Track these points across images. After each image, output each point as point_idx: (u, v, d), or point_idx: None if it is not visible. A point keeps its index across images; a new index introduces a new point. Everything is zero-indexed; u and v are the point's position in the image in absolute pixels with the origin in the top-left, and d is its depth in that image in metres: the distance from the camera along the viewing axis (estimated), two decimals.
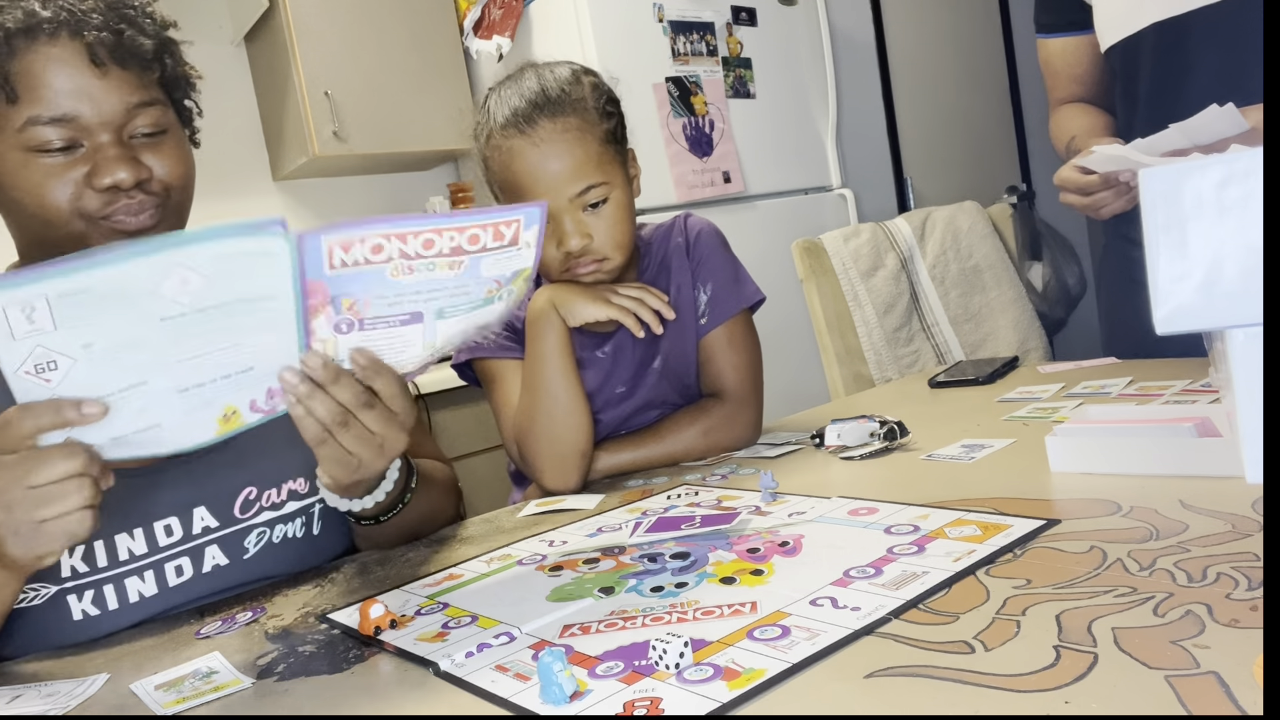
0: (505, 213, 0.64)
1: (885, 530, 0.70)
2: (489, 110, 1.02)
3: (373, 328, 0.65)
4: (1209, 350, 0.88)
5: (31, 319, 0.54)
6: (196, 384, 0.61)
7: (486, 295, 0.68)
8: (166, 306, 0.57)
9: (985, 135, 3.49)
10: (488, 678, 0.55)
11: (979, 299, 2.04)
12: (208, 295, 0.58)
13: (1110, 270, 1.38)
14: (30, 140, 0.74)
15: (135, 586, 0.79)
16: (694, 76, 2.47)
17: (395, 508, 0.85)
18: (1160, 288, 0.62)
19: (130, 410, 0.60)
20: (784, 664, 0.50)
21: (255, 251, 0.58)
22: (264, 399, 0.65)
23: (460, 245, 0.63)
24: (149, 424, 0.61)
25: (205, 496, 0.84)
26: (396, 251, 0.62)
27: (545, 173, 0.98)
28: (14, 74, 0.73)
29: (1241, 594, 0.50)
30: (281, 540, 0.87)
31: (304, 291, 0.61)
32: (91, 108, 0.75)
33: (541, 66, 1.05)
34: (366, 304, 0.64)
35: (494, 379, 1.11)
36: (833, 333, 1.89)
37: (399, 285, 0.63)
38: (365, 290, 0.63)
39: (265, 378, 0.64)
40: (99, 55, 0.75)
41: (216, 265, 0.57)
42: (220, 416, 0.63)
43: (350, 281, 0.62)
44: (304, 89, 2.45)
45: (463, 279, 0.65)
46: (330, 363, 0.64)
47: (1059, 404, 1.05)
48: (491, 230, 0.64)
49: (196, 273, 0.57)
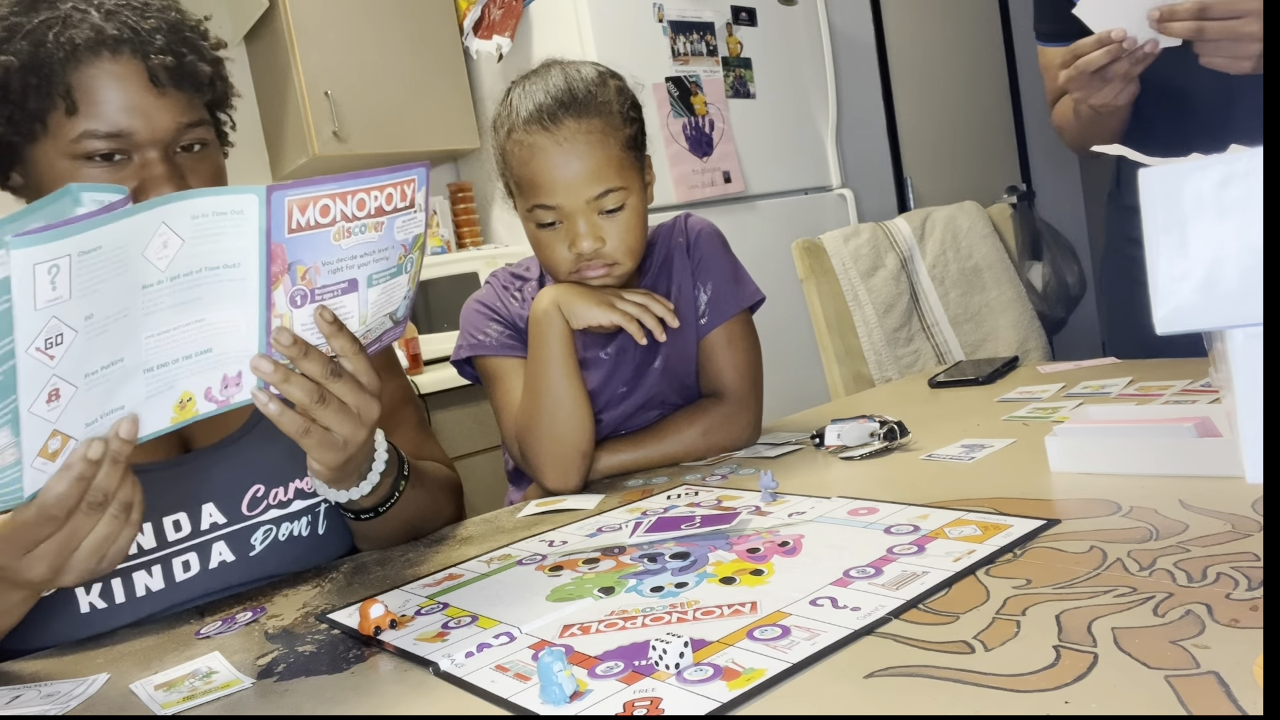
0: (401, 172, 0.64)
1: (885, 530, 0.70)
2: (511, 104, 1.02)
3: (320, 298, 0.64)
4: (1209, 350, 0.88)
5: (55, 284, 0.50)
6: (160, 363, 0.59)
7: (399, 261, 0.67)
8: (149, 272, 0.55)
9: (985, 135, 3.49)
10: (488, 678, 0.55)
11: (979, 299, 2.04)
12: (180, 261, 0.56)
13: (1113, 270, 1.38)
14: (81, 150, 0.76)
15: (143, 581, 0.80)
16: (694, 76, 2.47)
17: (390, 499, 0.85)
18: (1160, 288, 0.62)
19: (105, 390, 0.57)
20: (784, 664, 0.50)
21: (227, 210, 0.57)
22: (219, 388, 0.63)
23: (381, 205, 0.63)
24: (115, 406, 0.58)
25: (214, 493, 0.84)
26: (339, 213, 0.61)
27: (566, 172, 0.98)
28: (75, 86, 0.75)
29: (1241, 594, 0.50)
30: (288, 538, 0.87)
31: (267, 256, 0.59)
32: (145, 125, 0.77)
33: (568, 64, 1.05)
34: (316, 271, 0.62)
35: (495, 377, 1.11)
36: (833, 333, 1.89)
37: (339, 250, 0.63)
38: (314, 256, 0.62)
39: (222, 361, 0.63)
40: (159, 76, 0.77)
41: (192, 225, 0.56)
42: (177, 403, 0.61)
43: (303, 246, 0.61)
44: (304, 89, 2.45)
45: (382, 241, 0.65)
46: (298, 338, 0.64)
47: (1059, 404, 1.05)
48: (398, 190, 0.64)
49: (175, 234, 0.55)
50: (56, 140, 0.76)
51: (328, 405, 0.68)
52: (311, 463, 0.74)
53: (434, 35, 2.67)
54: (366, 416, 0.71)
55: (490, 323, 1.12)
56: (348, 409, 0.69)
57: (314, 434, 0.69)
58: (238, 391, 0.64)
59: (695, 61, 2.48)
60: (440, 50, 2.68)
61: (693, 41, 2.48)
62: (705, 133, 2.48)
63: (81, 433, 0.56)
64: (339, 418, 0.69)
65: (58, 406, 0.53)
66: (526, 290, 1.14)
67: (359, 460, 0.77)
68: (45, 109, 0.75)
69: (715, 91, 2.51)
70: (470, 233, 2.88)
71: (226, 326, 0.61)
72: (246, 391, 0.65)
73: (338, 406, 0.69)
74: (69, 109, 0.75)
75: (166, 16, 0.80)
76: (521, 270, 1.17)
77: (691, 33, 2.48)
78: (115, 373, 0.57)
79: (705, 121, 2.48)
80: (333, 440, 0.70)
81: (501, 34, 2.55)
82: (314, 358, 0.65)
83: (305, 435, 0.69)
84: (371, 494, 0.82)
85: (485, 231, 2.96)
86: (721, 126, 2.52)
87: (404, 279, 0.69)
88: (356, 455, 0.75)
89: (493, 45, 2.57)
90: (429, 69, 2.65)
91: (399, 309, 0.72)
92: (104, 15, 0.76)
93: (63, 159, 0.77)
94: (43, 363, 0.51)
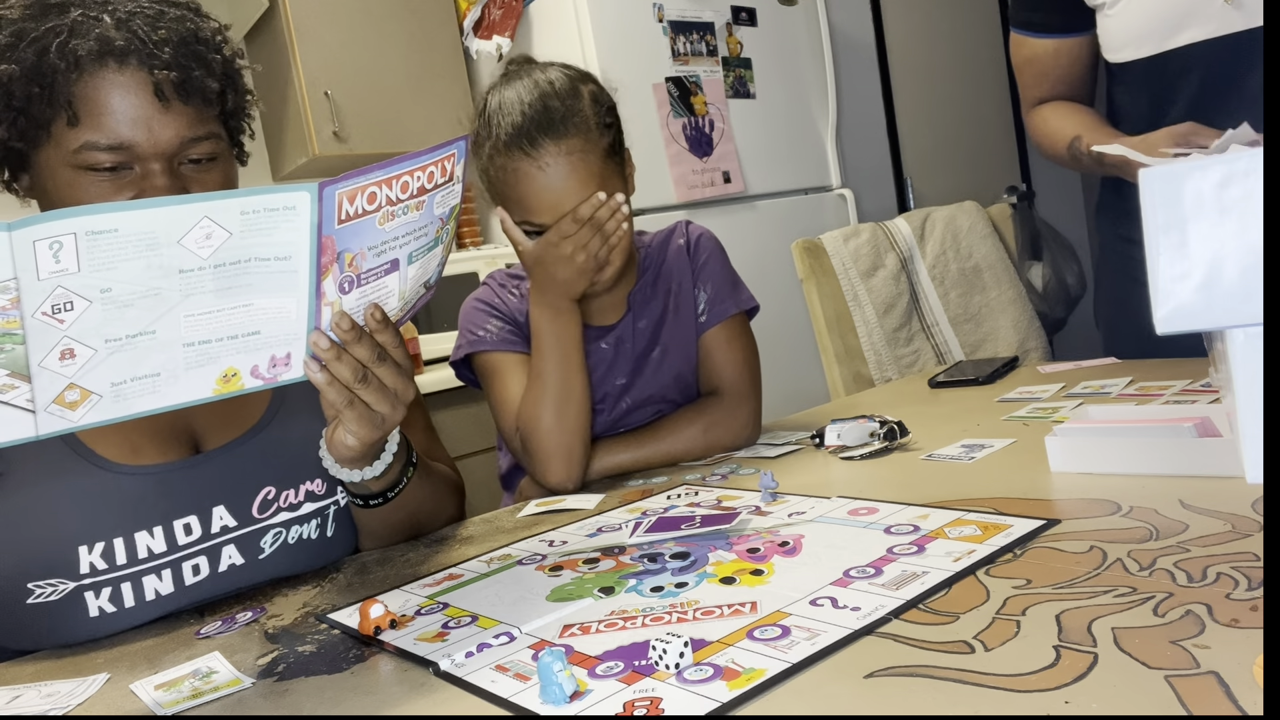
0: (445, 149, 0.66)
1: (885, 530, 0.70)
2: (489, 124, 1.01)
3: (366, 282, 0.67)
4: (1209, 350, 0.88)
5: (58, 258, 0.53)
6: (202, 340, 0.61)
7: (435, 235, 0.70)
8: (187, 259, 0.57)
9: (985, 135, 3.49)
10: (488, 678, 0.55)
11: (979, 299, 2.04)
12: (227, 252, 0.58)
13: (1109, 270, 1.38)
14: (83, 161, 0.76)
15: (152, 585, 0.80)
16: (694, 76, 2.47)
17: (398, 485, 0.86)
18: (1160, 288, 0.62)
19: (132, 356, 0.59)
20: (784, 664, 0.50)
21: (279, 206, 0.59)
22: (266, 366, 0.65)
23: (423, 184, 0.66)
24: (149, 372, 0.60)
25: (225, 496, 0.84)
26: (385, 198, 0.63)
27: (549, 195, 0.99)
28: (77, 97, 0.74)
29: (1241, 594, 0.50)
30: (297, 541, 0.87)
31: (318, 248, 0.62)
32: (148, 138, 0.76)
33: (537, 72, 1.04)
34: (363, 256, 0.65)
35: (495, 373, 1.11)
36: (833, 333, 1.89)
37: (383, 233, 0.65)
38: (361, 242, 0.64)
39: (270, 343, 0.65)
40: (164, 90, 0.76)
41: (241, 221, 0.58)
42: (220, 376, 0.63)
43: (351, 235, 0.63)
44: (304, 89, 2.45)
45: (422, 219, 0.67)
46: (355, 323, 0.68)
47: (1059, 404, 1.05)
48: (440, 166, 0.66)
49: (221, 228, 0.58)
50: (59, 149, 0.76)
51: (369, 385, 0.72)
52: (346, 437, 0.76)
53: (434, 35, 2.67)
54: (403, 398, 0.76)
55: (490, 319, 1.12)
56: (387, 389, 0.74)
57: (357, 406, 0.73)
58: (286, 370, 0.67)
59: (695, 61, 2.48)
60: (440, 50, 2.68)
61: (693, 41, 2.48)
62: (705, 133, 2.48)
63: (107, 391, 0.59)
64: (379, 396, 0.73)
65: (73, 364, 0.57)
66: (524, 287, 1.15)
67: (377, 446, 0.80)
68: (49, 117, 0.75)
69: (715, 91, 2.51)
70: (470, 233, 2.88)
71: (276, 312, 0.64)
72: (295, 370, 0.68)
73: (379, 386, 0.73)
74: (70, 120, 0.75)
75: (180, 27, 0.78)
76: (519, 269, 1.18)
77: (691, 33, 2.48)
78: (144, 342, 0.59)
79: (705, 121, 2.48)
80: (371, 417, 0.74)
81: (501, 34, 2.54)
82: (365, 343, 0.70)
83: (350, 406, 0.73)
84: (382, 476, 0.83)
85: (485, 231, 2.96)
86: (721, 126, 2.52)
87: (439, 250, 0.72)
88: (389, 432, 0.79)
89: (493, 45, 2.57)
90: (429, 69, 2.65)
91: (432, 276, 0.75)
92: (115, 23, 0.75)
93: (65, 168, 0.76)
94: (50, 325, 0.55)
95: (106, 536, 0.78)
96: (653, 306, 1.15)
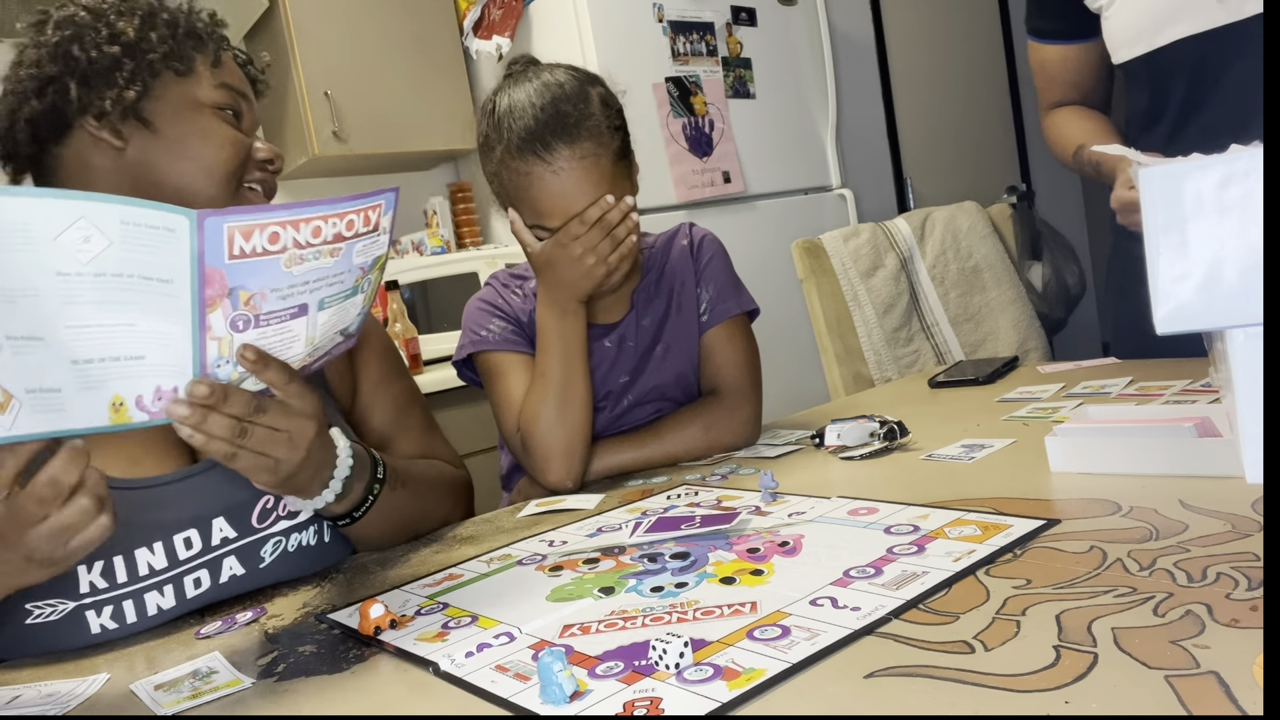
0: (370, 198, 0.64)
1: (885, 530, 0.70)
2: (499, 126, 1.01)
3: (266, 324, 0.64)
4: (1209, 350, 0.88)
5: None
6: (86, 359, 0.59)
7: (355, 284, 0.67)
8: (64, 261, 0.55)
9: (985, 135, 3.49)
10: (488, 678, 0.55)
11: (979, 299, 2.04)
12: (107, 261, 0.56)
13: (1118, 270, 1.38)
14: (220, 99, 0.87)
15: (154, 600, 0.79)
16: (694, 76, 2.47)
17: (364, 503, 0.85)
18: (1160, 288, 0.62)
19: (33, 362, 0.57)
20: (784, 664, 0.50)
21: (158, 225, 0.56)
22: (150, 398, 0.62)
23: (340, 232, 0.63)
24: (51, 386, 0.58)
25: (224, 507, 0.83)
26: (291, 240, 0.61)
27: (563, 197, 0.99)
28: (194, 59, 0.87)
29: (1241, 594, 0.50)
30: (296, 548, 0.86)
31: (201, 279, 0.59)
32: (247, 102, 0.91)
33: (545, 74, 1.03)
34: (263, 297, 0.62)
35: (497, 372, 1.11)
36: (833, 333, 1.89)
37: (290, 276, 0.62)
38: (261, 283, 0.61)
39: (155, 371, 0.62)
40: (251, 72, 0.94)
41: (121, 231, 0.56)
42: (110, 404, 0.61)
43: (248, 273, 0.60)
44: (304, 89, 2.45)
45: (338, 266, 0.65)
46: (215, 385, 0.64)
47: (1059, 404, 1.05)
48: (362, 216, 0.64)
49: (100, 233, 0.55)
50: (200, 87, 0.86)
51: (251, 436, 0.68)
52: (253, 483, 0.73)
53: (434, 35, 2.67)
54: (300, 438, 0.71)
55: (493, 319, 1.13)
56: (277, 433, 0.69)
57: (241, 458, 0.69)
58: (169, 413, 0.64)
59: (695, 61, 2.48)
60: (440, 50, 2.68)
61: (693, 41, 2.48)
62: (705, 133, 2.48)
63: (22, 396, 0.57)
64: (268, 443, 0.69)
65: None
66: (527, 288, 1.15)
67: (310, 473, 0.76)
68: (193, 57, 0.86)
69: (715, 91, 2.51)
70: (470, 233, 2.88)
71: (160, 338, 0.60)
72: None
73: (263, 434, 0.68)
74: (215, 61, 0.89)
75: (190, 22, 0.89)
76: (522, 270, 1.18)
77: (691, 33, 2.48)
78: (39, 349, 0.57)
79: (705, 121, 2.48)
80: (265, 462, 0.70)
81: (501, 34, 2.55)
82: (234, 398, 0.65)
83: (232, 460, 0.68)
84: (341, 500, 0.81)
85: (485, 232, 2.96)
86: (721, 126, 2.52)
87: (359, 299, 0.69)
88: (302, 472, 0.74)
89: (493, 45, 2.57)
90: (429, 69, 2.65)
91: (351, 325, 0.72)
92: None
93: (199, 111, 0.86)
94: None
95: (106, 554, 0.77)
96: (656, 305, 1.16)
